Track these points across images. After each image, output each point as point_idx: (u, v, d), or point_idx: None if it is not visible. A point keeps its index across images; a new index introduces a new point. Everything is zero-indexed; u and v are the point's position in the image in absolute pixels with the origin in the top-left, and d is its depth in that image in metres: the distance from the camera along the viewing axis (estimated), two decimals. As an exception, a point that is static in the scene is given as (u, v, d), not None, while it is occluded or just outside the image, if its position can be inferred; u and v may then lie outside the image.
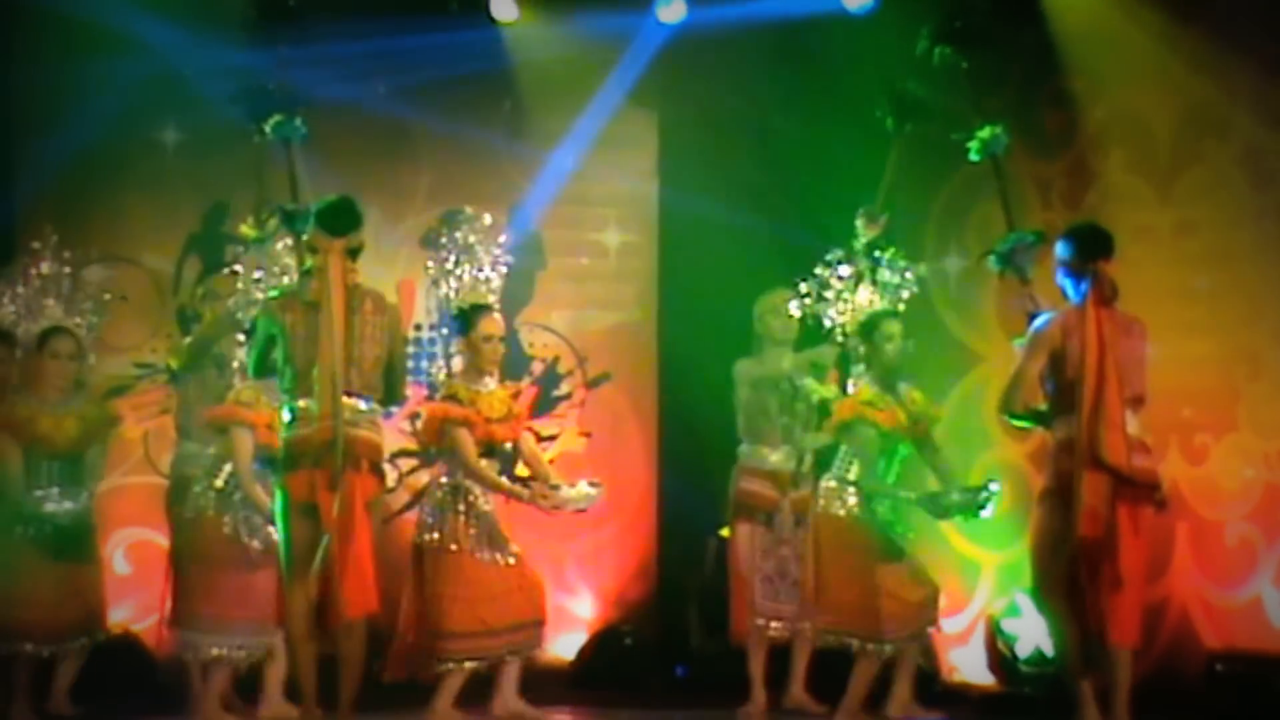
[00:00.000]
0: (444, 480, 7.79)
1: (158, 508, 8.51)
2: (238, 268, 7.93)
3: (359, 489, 6.80)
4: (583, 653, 9.59)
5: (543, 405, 9.91)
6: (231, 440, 7.67)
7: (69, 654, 8.11)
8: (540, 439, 9.93)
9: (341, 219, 6.93)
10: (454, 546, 7.67)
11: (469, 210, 7.99)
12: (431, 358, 9.88)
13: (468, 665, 7.65)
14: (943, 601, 8.09)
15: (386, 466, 7.62)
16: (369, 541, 6.82)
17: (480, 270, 7.88)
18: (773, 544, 8.35)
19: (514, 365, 9.93)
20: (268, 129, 7.83)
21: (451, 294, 7.89)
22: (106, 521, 8.80)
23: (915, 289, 8.13)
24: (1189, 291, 8.49)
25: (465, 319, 7.84)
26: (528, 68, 9.90)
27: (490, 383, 7.85)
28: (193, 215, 9.63)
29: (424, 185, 9.99)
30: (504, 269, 7.96)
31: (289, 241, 7.67)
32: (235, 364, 7.91)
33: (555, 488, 7.86)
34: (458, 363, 7.96)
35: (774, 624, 8.39)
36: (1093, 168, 9.01)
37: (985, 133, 7.85)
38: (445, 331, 8.38)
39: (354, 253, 6.95)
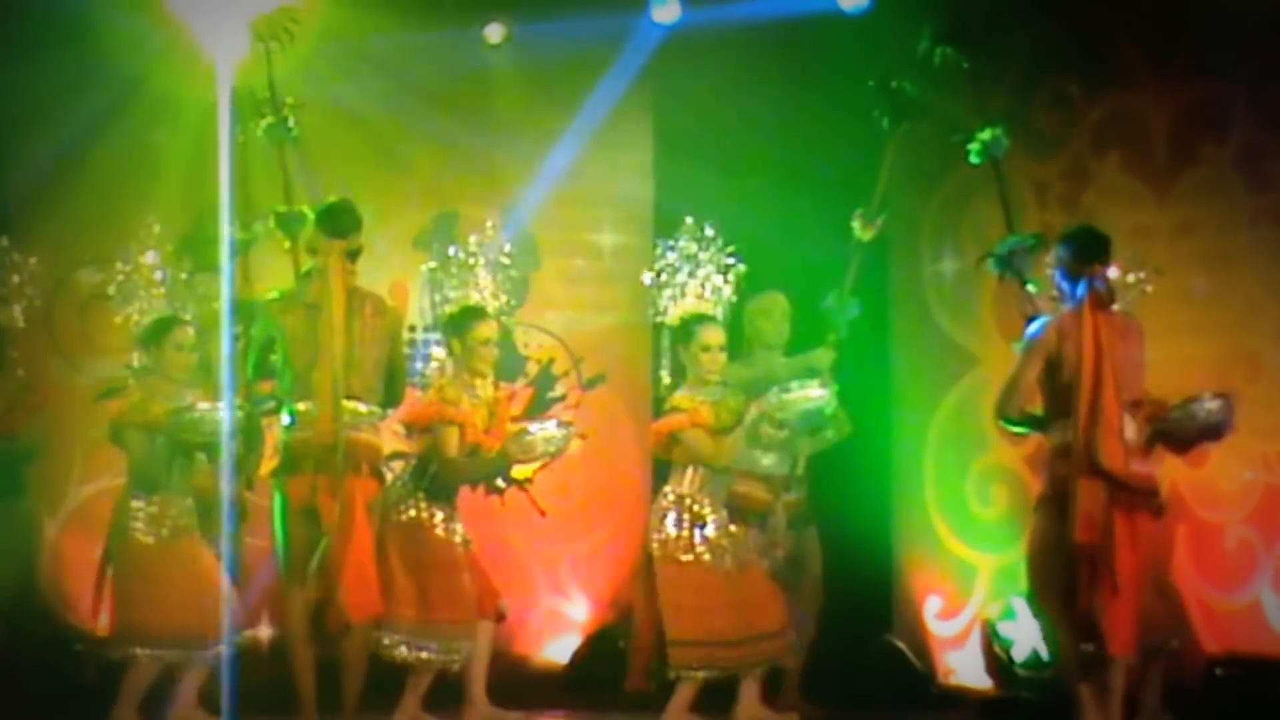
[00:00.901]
0: (669, 489, 7.72)
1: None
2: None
3: (360, 492, 6.80)
4: (576, 656, 9.56)
5: (537, 406, 9.83)
6: (438, 439, 7.53)
7: (193, 663, 7.76)
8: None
9: (342, 221, 6.94)
10: (683, 556, 7.60)
11: (689, 220, 7.91)
12: (425, 359, 9.64)
13: (700, 675, 7.56)
14: None
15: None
16: (370, 544, 6.82)
17: (704, 281, 7.84)
18: (768, 547, 8.24)
19: (508, 366, 9.82)
20: (259, 132, 7.81)
21: (672, 304, 7.83)
22: (98, 525, 8.64)
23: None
24: (1186, 293, 8.45)
25: (685, 329, 7.75)
26: (522, 67, 9.86)
27: (718, 391, 7.75)
28: (184, 215, 9.32)
29: (417, 186, 9.95)
30: (731, 277, 7.87)
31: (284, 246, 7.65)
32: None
33: None
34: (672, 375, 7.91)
35: None
36: (1090, 169, 9.00)
37: (986, 134, 7.83)
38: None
39: (354, 255, 6.94)
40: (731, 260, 7.87)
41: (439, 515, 7.55)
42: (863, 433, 8.52)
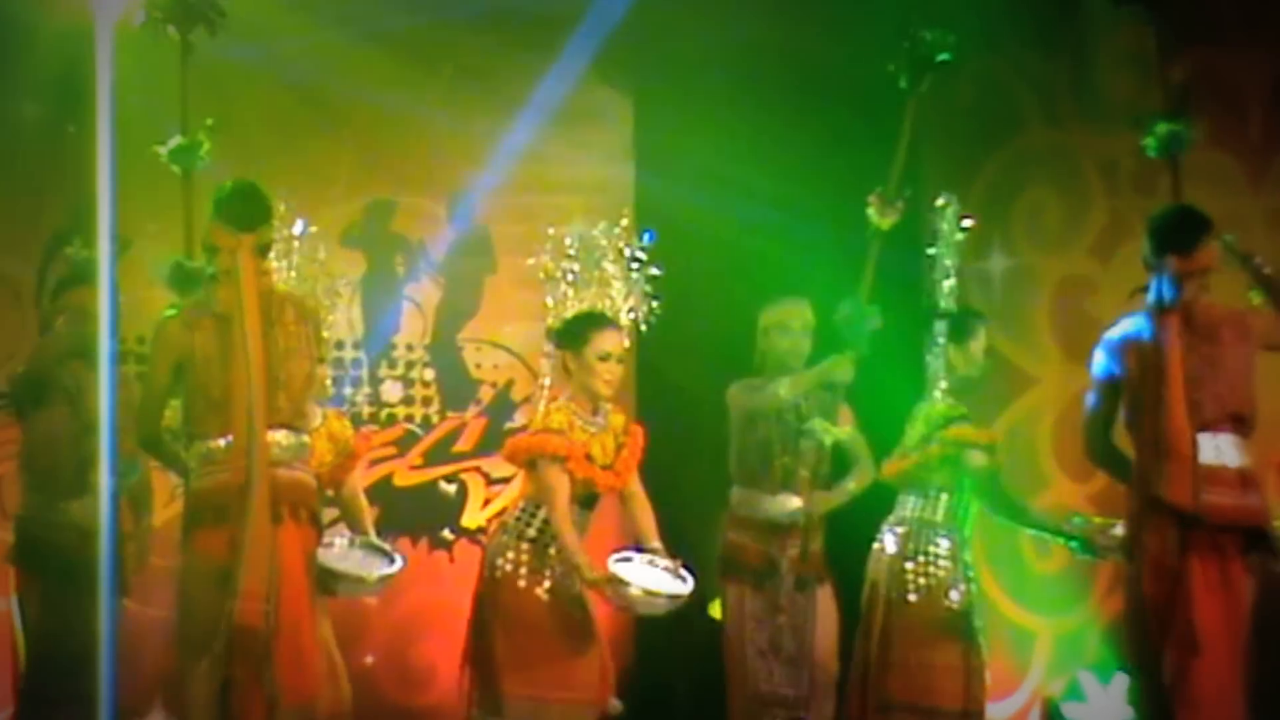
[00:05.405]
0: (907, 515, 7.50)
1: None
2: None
3: (297, 544, 6.13)
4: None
5: (493, 439, 9.11)
6: (541, 478, 6.79)
7: None
8: (490, 482, 9.29)
9: (250, 208, 6.24)
10: (911, 597, 7.38)
11: (944, 199, 7.50)
12: (356, 382, 9.39)
13: None
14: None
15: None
16: (310, 612, 6.19)
17: (947, 271, 7.52)
18: (766, 611, 7.60)
19: (459, 391, 9.47)
20: (163, 153, 7.10)
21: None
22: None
23: None
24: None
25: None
26: (473, 24, 9.18)
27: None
28: (58, 208, 8.75)
29: (345, 169, 9.36)
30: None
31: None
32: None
33: None
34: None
35: (772, 711, 7.61)
36: (1170, 144, 8.90)
37: (1163, 128, 7.27)
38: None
39: (265, 250, 6.31)
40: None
41: (544, 572, 6.81)
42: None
